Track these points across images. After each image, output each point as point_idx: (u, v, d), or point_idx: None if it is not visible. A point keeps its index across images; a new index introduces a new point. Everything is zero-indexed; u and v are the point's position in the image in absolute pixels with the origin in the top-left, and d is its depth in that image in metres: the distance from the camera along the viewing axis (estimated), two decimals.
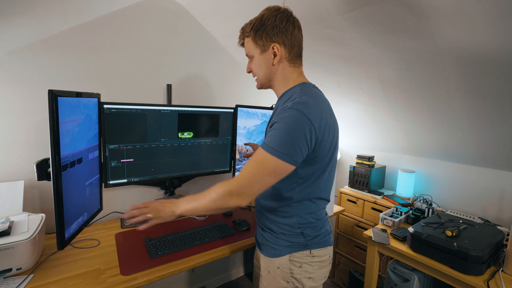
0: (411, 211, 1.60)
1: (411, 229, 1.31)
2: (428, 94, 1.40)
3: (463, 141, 1.53)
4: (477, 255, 1.09)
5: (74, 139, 1.04)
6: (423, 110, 1.52)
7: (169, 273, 1.06)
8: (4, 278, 0.97)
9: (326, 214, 1.00)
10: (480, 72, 1.14)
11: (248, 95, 2.07)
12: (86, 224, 1.19)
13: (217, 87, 1.90)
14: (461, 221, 1.37)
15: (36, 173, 1.06)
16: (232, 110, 1.68)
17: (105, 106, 1.27)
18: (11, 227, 1.03)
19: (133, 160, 1.40)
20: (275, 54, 0.90)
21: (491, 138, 1.40)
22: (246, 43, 0.95)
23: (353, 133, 2.17)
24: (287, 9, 0.91)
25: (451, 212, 1.65)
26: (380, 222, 1.56)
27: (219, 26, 1.72)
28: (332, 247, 0.99)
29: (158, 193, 1.70)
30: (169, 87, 1.64)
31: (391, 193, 1.95)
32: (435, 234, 1.23)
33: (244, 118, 1.72)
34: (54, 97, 0.89)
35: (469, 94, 1.27)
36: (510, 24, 0.91)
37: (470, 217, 1.56)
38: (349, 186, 2.08)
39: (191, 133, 1.56)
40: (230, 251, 1.22)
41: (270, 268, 0.95)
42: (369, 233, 1.45)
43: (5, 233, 0.99)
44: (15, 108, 1.26)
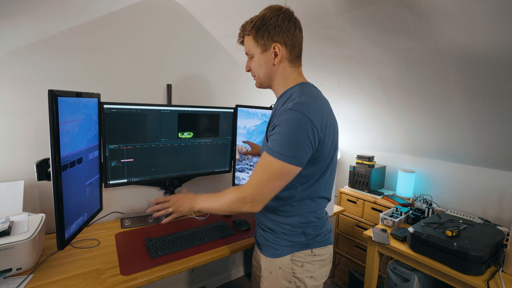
0: (411, 211, 1.60)
1: (411, 229, 1.31)
2: (428, 94, 1.40)
3: (463, 141, 1.52)
4: (477, 255, 1.09)
5: (74, 139, 1.04)
6: (423, 110, 1.52)
7: (169, 273, 1.06)
8: (4, 278, 0.97)
9: (326, 213, 1.01)
10: (480, 72, 1.14)
11: (248, 95, 2.07)
12: (86, 224, 1.19)
13: (217, 87, 1.91)
14: (461, 221, 1.37)
15: (36, 173, 1.06)
16: (232, 110, 1.68)
17: (105, 106, 1.27)
18: (11, 227, 1.03)
19: (133, 160, 1.40)
20: (276, 54, 0.89)
21: (491, 138, 1.40)
22: (246, 42, 0.94)
23: (353, 133, 2.17)
24: (288, 9, 0.90)
25: (451, 212, 1.65)
26: (380, 222, 1.56)
27: (219, 26, 1.72)
28: (332, 245, 0.99)
29: (158, 193, 1.70)
30: (169, 87, 1.64)
31: (391, 193, 1.95)
32: (435, 234, 1.23)
33: (244, 118, 1.72)
34: (54, 97, 0.89)
35: (469, 94, 1.27)
36: (510, 24, 0.91)
37: (470, 217, 1.56)
38: (349, 186, 2.08)
39: (191, 133, 1.56)
40: (230, 251, 1.22)
41: (271, 268, 0.95)
42: (369, 233, 1.45)
43: (5, 233, 0.99)
44: (15, 108, 1.26)
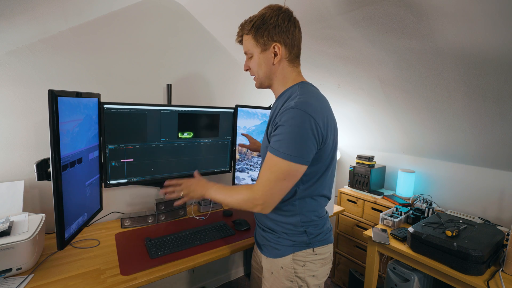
0: (411, 211, 1.60)
1: (411, 229, 1.31)
2: (428, 94, 1.40)
3: (463, 141, 1.52)
4: (477, 255, 1.09)
5: (74, 139, 1.04)
6: (423, 110, 1.52)
7: (169, 273, 1.06)
8: (4, 278, 0.97)
9: (326, 212, 1.01)
10: (480, 72, 1.14)
11: (248, 95, 2.07)
12: (86, 224, 1.19)
13: (217, 87, 1.91)
14: (461, 221, 1.37)
15: (36, 173, 1.06)
16: (232, 110, 1.68)
17: (105, 106, 1.27)
18: (11, 227, 1.03)
19: (133, 160, 1.40)
20: (275, 53, 0.89)
21: (491, 138, 1.40)
22: (245, 41, 0.94)
23: (353, 133, 2.17)
24: (288, 9, 0.91)
25: (451, 212, 1.65)
26: (380, 222, 1.56)
27: (219, 26, 1.72)
28: (332, 244, 0.99)
29: (158, 193, 1.70)
30: (169, 87, 1.64)
31: (391, 193, 1.95)
32: (435, 234, 1.23)
33: (244, 118, 1.72)
34: (54, 97, 0.89)
35: (469, 94, 1.27)
36: (510, 24, 0.91)
37: (470, 217, 1.56)
38: (349, 186, 2.08)
39: (191, 133, 1.56)
40: (230, 251, 1.22)
41: (273, 269, 0.95)
42: (369, 233, 1.45)
43: (5, 233, 0.99)
44: (15, 108, 1.26)
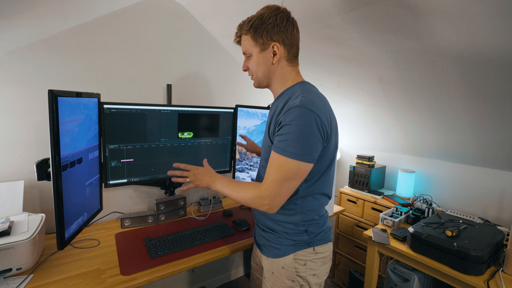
0: (411, 211, 1.59)
1: (411, 229, 1.31)
2: (428, 94, 1.40)
3: (463, 141, 1.52)
4: (477, 255, 1.09)
5: (74, 139, 1.04)
6: (423, 110, 1.52)
7: (169, 273, 1.06)
8: (4, 278, 0.97)
9: (326, 211, 1.01)
10: (480, 72, 1.14)
11: (248, 95, 2.07)
12: (86, 224, 1.19)
13: (217, 87, 1.91)
14: (461, 221, 1.37)
15: (36, 173, 1.06)
16: (232, 110, 1.68)
17: (105, 106, 1.27)
18: (11, 227, 1.03)
19: (133, 160, 1.40)
20: (274, 53, 0.89)
21: (491, 138, 1.40)
22: (244, 41, 0.94)
23: (353, 133, 2.17)
24: (285, 9, 0.91)
25: (451, 212, 1.65)
26: (380, 222, 1.56)
27: (219, 26, 1.72)
28: (332, 243, 1.00)
29: (158, 193, 1.70)
30: (169, 87, 1.64)
31: (391, 193, 1.95)
32: (435, 234, 1.23)
33: (244, 118, 1.72)
34: (54, 97, 0.89)
35: (469, 94, 1.27)
36: (510, 24, 0.91)
37: (470, 217, 1.56)
38: (349, 186, 2.08)
39: (191, 133, 1.56)
40: (230, 251, 1.22)
41: (274, 269, 0.95)
42: (369, 233, 1.45)
43: (5, 233, 0.99)
44: (15, 108, 1.26)
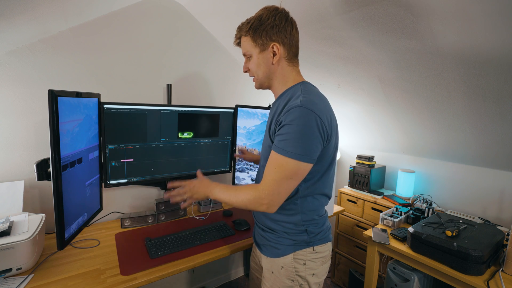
0: (411, 211, 1.59)
1: (411, 229, 1.31)
2: (428, 94, 1.40)
3: (463, 141, 1.52)
4: (477, 255, 1.09)
5: (74, 139, 1.04)
6: (423, 110, 1.52)
7: (169, 273, 1.06)
8: (4, 278, 0.97)
9: (325, 211, 1.01)
10: (480, 72, 1.14)
11: (248, 95, 2.07)
12: (86, 224, 1.19)
13: (217, 87, 1.91)
14: (461, 221, 1.37)
15: (36, 173, 1.06)
16: (232, 110, 1.68)
17: (105, 106, 1.27)
18: (11, 227, 1.03)
19: (133, 160, 1.40)
20: (274, 53, 0.90)
21: (491, 138, 1.40)
22: (244, 42, 0.94)
23: (353, 133, 2.17)
24: (284, 9, 0.92)
25: (451, 212, 1.65)
26: (380, 222, 1.56)
27: (219, 26, 1.72)
28: (331, 243, 1.00)
29: (158, 193, 1.70)
30: (169, 87, 1.64)
31: (391, 193, 1.95)
32: (435, 234, 1.23)
33: (244, 118, 1.72)
34: (54, 97, 0.89)
35: (469, 94, 1.27)
36: (510, 24, 0.91)
37: (470, 217, 1.56)
38: (349, 186, 2.08)
39: (191, 133, 1.56)
40: (230, 251, 1.22)
41: (273, 268, 0.95)
42: (369, 233, 1.45)
43: (5, 233, 0.99)
44: (15, 108, 1.26)
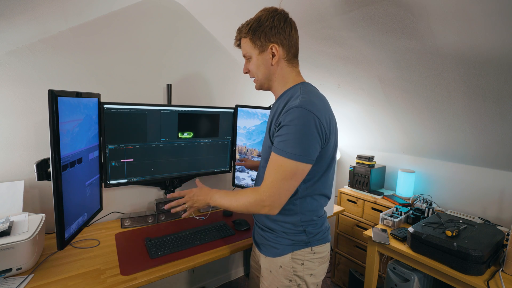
0: (411, 211, 1.59)
1: (411, 229, 1.31)
2: (428, 94, 1.40)
3: (463, 141, 1.52)
4: (477, 255, 1.09)
5: (74, 139, 1.04)
6: (423, 110, 1.52)
7: (169, 273, 1.06)
8: (4, 278, 0.97)
9: (325, 211, 1.01)
10: (480, 72, 1.14)
11: (248, 95, 2.07)
12: (86, 224, 1.19)
13: (217, 87, 1.91)
14: (461, 221, 1.37)
15: (36, 173, 1.06)
16: (232, 110, 1.68)
17: (105, 106, 1.27)
18: (11, 227, 1.03)
19: (133, 160, 1.40)
20: (273, 54, 0.90)
21: (491, 138, 1.40)
22: (243, 44, 0.95)
23: (353, 133, 2.17)
24: (283, 10, 0.92)
25: (451, 212, 1.65)
26: (380, 222, 1.56)
27: (219, 26, 1.72)
28: (329, 243, 1.00)
29: (158, 193, 1.70)
30: (169, 87, 1.64)
31: (391, 193, 1.95)
32: (435, 234, 1.23)
33: (244, 118, 1.72)
34: (54, 97, 0.89)
35: (469, 94, 1.27)
36: (510, 24, 0.91)
37: (470, 217, 1.56)
38: (349, 186, 2.08)
39: (191, 133, 1.56)
40: (230, 251, 1.22)
41: (271, 268, 0.95)
42: (369, 233, 1.45)
43: (5, 233, 0.99)
44: (15, 108, 1.26)
